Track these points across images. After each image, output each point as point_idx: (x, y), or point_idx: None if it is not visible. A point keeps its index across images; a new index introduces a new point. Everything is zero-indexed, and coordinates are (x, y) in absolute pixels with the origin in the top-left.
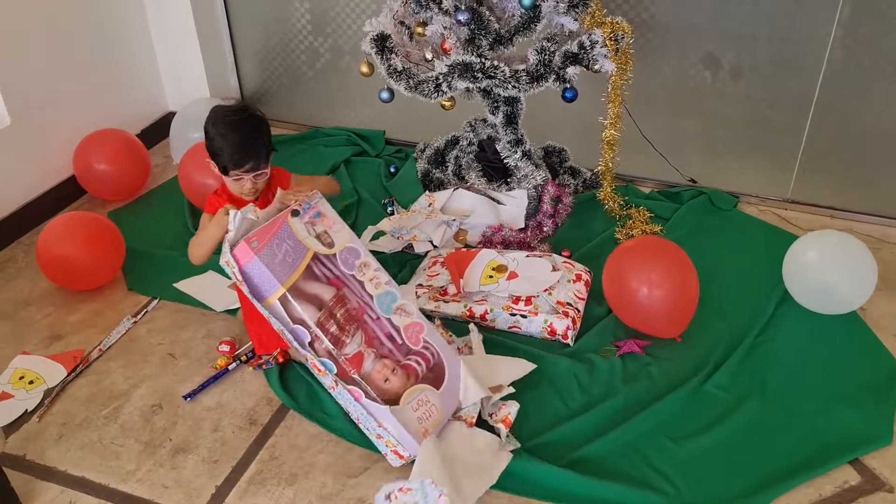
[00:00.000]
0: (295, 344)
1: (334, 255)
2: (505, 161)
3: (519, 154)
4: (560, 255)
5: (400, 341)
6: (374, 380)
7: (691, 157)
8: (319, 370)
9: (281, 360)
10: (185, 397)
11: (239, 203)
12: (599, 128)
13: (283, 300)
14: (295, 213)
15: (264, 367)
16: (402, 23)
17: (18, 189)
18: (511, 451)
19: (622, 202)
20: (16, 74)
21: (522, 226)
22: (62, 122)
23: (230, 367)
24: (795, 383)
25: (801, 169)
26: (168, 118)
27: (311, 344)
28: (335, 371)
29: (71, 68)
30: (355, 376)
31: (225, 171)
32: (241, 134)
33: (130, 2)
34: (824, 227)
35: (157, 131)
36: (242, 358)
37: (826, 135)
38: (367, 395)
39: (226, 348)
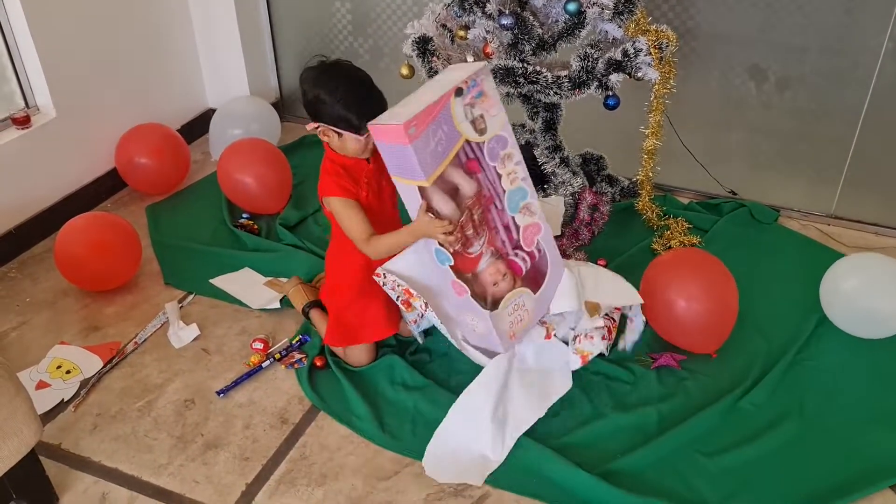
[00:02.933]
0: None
1: (483, 142)
2: (542, 167)
3: (556, 161)
4: (596, 263)
5: (515, 237)
6: (484, 281)
7: (732, 169)
8: (412, 295)
9: (318, 364)
10: (218, 393)
11: (354, 171)
12: (638, 136)
13: (423, 190)
14: (458, 93)
15: (296, 365)
16: (444, 26)
17: (62, 180)
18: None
19: (660, 212)
20: (62, 68)
21: (558, 233)
22: (106, 115)
23: (263, 365)
24: (835, 403)
25: (846, 183)
26: (208, 115)
27: None
28: (451, 263)
29: (116, 63)
30: (468, 275)
31: (356, 131)
32: (363, 86)
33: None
34: (868, 245)
35: (197, 127)
36: (276, 355)
37: (873, 149)
38: (473, 294)
39: (259, 346)
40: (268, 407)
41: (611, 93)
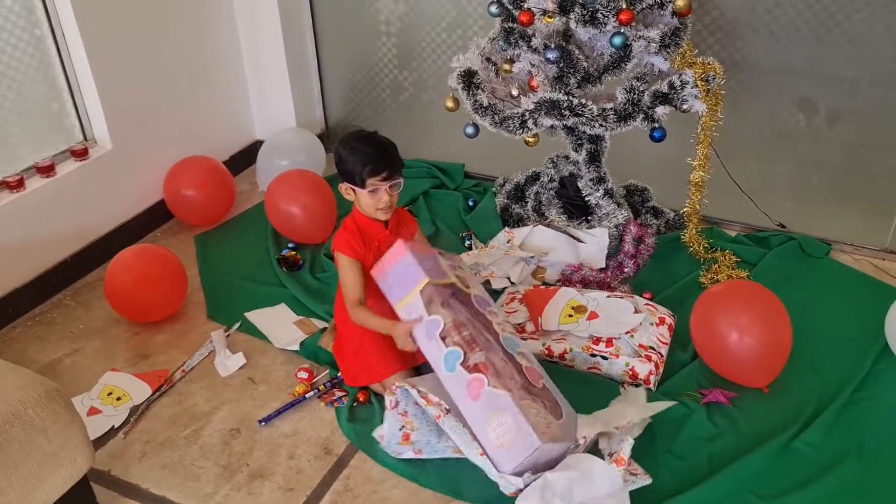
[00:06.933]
0: (425, 339)
1: (469, 294)
2: (586, 199)
3: (601, 192)
4: (641, 296)
5: (521, 380)
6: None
7: (781, 202)
8: (429, 400)
9: (361, 399)
10: (260, 422)
11: (368, 234)
12: (684, 168)
13: (424, 291)
14: (441, 254)
15: (336, 404)
16: (488, 59)
17: (114, 211)
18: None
19: (707, 245)
20: (119, 103)
21: (603, 265)
22: (158, 147)
23: (307, 395)
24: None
25: None
26: (255, 146)
27: (441, 337)
28: (461, 359)
29: (169, 97)
30: (479, 357)
31: (362, 184)
32: (375, 145)
33: (226, 34)
34: None
35: (244, 158)
36: (321, 387)
37: None
38: (489, 383)
39: (304, 375)
40: (312, 437)
41: (657, 125)
